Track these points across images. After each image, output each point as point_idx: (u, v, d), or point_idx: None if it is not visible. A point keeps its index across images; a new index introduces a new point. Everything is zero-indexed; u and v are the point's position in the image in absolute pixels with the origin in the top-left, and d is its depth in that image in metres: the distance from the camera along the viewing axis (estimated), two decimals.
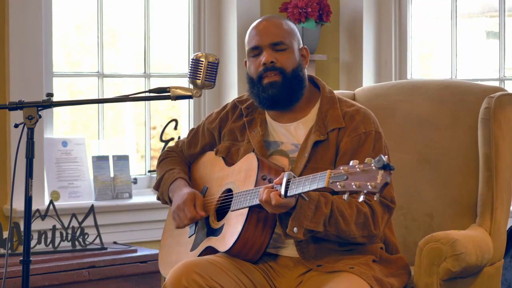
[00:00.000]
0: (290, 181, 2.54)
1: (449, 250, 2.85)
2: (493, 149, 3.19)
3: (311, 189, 2.47)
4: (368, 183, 2.29)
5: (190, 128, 4.73)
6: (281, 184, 2.55)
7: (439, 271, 2.85)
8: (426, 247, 2.87)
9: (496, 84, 4.46)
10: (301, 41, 2.93)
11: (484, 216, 3.17)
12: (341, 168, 2.36)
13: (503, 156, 3.20)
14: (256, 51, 2.86)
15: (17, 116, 2.83)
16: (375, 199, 2.31)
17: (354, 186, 2.32)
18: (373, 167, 2.30)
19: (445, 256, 2.85)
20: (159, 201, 3.12)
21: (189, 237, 2.98)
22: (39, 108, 2.57)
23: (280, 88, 2.83)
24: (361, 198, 2.31)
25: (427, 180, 3.33)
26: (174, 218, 2.93)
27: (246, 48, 2.91)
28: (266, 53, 2.83)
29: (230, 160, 2.97)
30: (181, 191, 2.94)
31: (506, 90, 3.34)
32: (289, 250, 2.82)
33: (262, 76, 2.84)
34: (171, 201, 3.01)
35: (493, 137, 3.19)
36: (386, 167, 2.28)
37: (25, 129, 2.55)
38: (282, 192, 2.53)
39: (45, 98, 2.61)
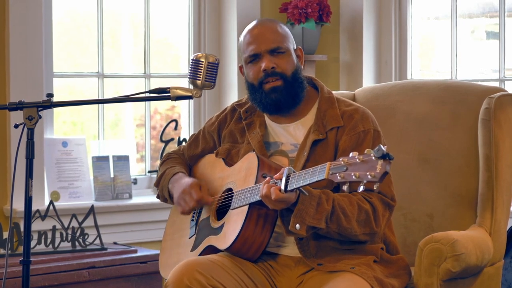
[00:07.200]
0: (290, 176, 2.54)
1: (449, 251, 2.85)
2: (493, 149, 3.19)
3: (311, 182, 2.47)
4: (367, 173, 2.30)
5: (190, 128, 4.74)
6: (281, 179, 2.55)
7: (439, 272, 2.85)
8: (426, 248, 2.87)
9: (496, 84, 4.46)
10: (294, 42, 2.94)
11: (484, 217, 3.17)
12: (340, 159, 2.38)
13: (503, 156, 3.20)
14: (254, 57, 2.86)
15: (17, 116, 2.83)
16: (374, 188, 2.32)
17: (353, 177, 2.33)
18: (373, 157, 2.31)
19: (445, 257, 2.84)
20: (159, 202, 3.12)
21: (189, 238, 2.98)
22: (39, 109, 2.57)
23: (283, 92, 2.84)
24: (360, 188, 2.32)
25: (427, 180, 3.32)
26: (179, 203, 2.93)
27: (243, 55, 2.90)
28: (265, 59, 2.84)
29: (230, 161, 2.97)
30: (184, 180, 2.95)
31: (506, 91, 3.34)
32: (290, 249, 2.82)
33: (263, 82, 2.85)
34: (170, 197, 3.01)
35: (493, 138, 3.19)
36: (385, 157, 2.29)
37: (25, 130, 2.55)
38: (282, 187, 2.54)
39: (45, 98, 2.60)
